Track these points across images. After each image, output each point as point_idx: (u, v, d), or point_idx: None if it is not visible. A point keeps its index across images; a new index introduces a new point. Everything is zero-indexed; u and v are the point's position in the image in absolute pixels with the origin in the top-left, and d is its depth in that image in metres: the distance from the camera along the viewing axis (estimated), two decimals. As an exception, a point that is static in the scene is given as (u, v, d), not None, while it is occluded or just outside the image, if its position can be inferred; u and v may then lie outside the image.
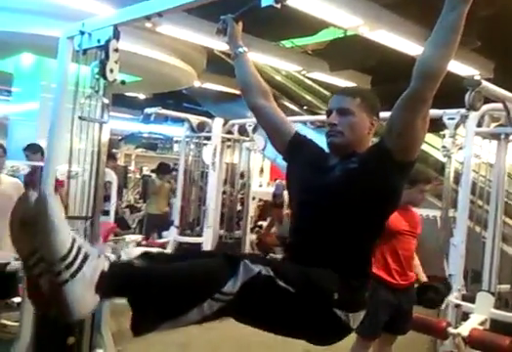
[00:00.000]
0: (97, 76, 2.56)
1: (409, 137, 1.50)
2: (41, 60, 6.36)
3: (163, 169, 7.10)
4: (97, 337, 2.77)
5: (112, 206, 5.08)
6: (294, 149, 1.78)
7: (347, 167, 1.58)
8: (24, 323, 2.50)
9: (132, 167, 12.31)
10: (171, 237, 5.85)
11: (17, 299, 3.20)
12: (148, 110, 5.83)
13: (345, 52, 7.90)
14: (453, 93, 3.30)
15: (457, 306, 3.28)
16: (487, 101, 3.43)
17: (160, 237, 6.15)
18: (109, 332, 2.85)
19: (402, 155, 1.52)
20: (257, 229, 8.22)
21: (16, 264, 2.54)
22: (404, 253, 2.97)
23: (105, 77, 2.54)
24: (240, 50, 1.89)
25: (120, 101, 9.99)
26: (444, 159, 4.30)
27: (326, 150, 1.70)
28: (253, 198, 6.83)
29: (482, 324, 3.11)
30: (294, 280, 1.35)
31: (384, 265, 2.91)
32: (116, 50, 2.53)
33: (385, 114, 1.62)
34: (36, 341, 2.52)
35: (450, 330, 2.93)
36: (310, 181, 1.65)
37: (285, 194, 9.07)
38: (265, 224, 8.57)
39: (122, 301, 1.41)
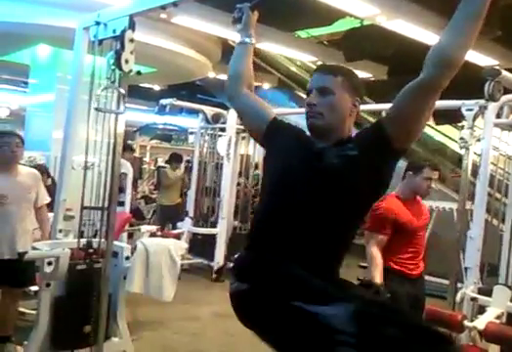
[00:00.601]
0: (112, 67, 2.56)
1: (414, 125, 1.45)
2: (57, 51, 6.39)
3: (175, 158, 7.12)
4: (113, 326, 2.80)
5: (128, 197, 5.12)
6: (272, 133, 1.67)
7: (346, 154, 1.49)
8: (42, 311, 2.54)
9: (147, 159, 12.37)
10: (185, 227, 5.88)
11: (34, 288, 3.25)
12: (163, 102, 5.85)
13: (361, 42, 7.80)
14: (472, 83, 3.25)
15: (473, 299, 3.24)
16: (506, 91, 3.37)
17: (175, 227, 6.19)
18: (125, 322, 2.88)
19: (400, 143, 1.46)
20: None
21: (33, 253, 2.57)
22: (416, 245, 2.97)
23: (120, 68, 2.54)
24: (248, 40, 1.84)
25: (135, 92, 10.00)
26: (461, 151, 4.24)
27: (307, 132, 1.61)
28: (261, 187, 6.81)
29: (498, 317, 3.07)
30: None
31: (401, 258, 2.90)
32: (132, 40, 2.53)
33: None
34: (53, 329, 2.55)
35: (466, 323, 2.90)
36: (295, 166, 1.54)
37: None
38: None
39: (137, 292, 1.46)
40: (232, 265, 1.60)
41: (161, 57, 6.39)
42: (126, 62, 2.54)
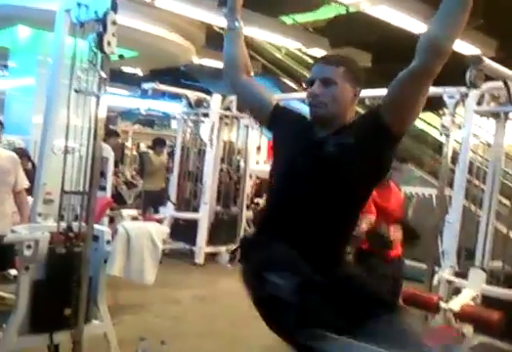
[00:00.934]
0: (94, 49, 2.53)
1: (409, 111, 1.48)
2: (38, 33, 6.27)
3: (159, 143, 7.09)
4: (93, 309, 2.80)
5: (109, 182, 5.09)
6: (276, 120, 1.72)
7: (342, 142, 1.53)
8: (21, 294, 2.53)
9: (129, 144, 12.27)
10: (168, 212, 5.89)
11: (13, 272, 3.23)
12: (145, 86, 5.80)
13: (346, 29, 7.81)
14: (454, 72, 3.28)
15: (449, 282, 3.32)
16: (487, 80, 3.41)
17: (157, 212, 6.18)
18: (106, 305, 2.89)
19: (398, 129, 1.50)
20: (253, 206, 8.25)
21: (12, 236, 2.55)
22: (394, 228, 3.03)
23: (102, 50, 2.51)
24: (236, 24, 1.84)
25: (118, 77, 9.89)
26: (442, 139, 4.30)
27: (309, 118, 1.65)
28: (250, 176, 6.83)
29: (473, 299, 3.15)
30: None
31: None
32: (114, 23, 2.49)
33: (383, 92, 1.56)
34: (33, 312, 2.54)
35: (442, 304, 2.98)
36: (297, 154, 1.59)
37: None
38: (261, 201, 8.60)
39: (118, 275, 1.49)
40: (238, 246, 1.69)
41: (144, 41, 6.32)
42: (108, 44, 2.51)
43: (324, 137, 1.58)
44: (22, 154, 4.30)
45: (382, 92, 1.61)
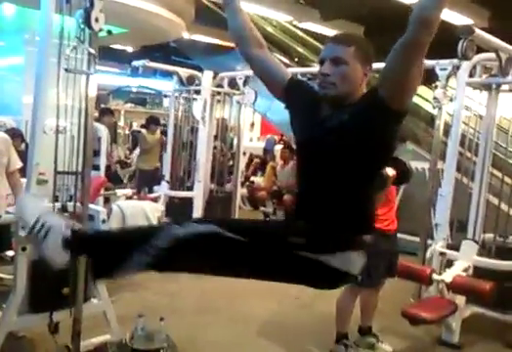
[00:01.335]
0: (82, 26, 2.49)
1: (404, 84, 1.48)
2: (24, 11, 6.13)
3: (153, 121, 7.05)
4: (91, 288, 2.84)
5: (102, 161, 5.07)
6: (291, 95, 1.73)
7: (340, 118, 1.55)
8: (19, 275, 2.55)
9: (121, 123, 12.18)
10: (162, 191, 5.89)
11: (10, 253, 3.25)
12: (135, 63, 5.72)
13: (337, 1, 7.69)
14: (447, 43, 3.25)
15: (442, 254, 3.37)
16: (480, 51, 3.39)
17: (151, 191, 6.19)
18: (104, 283, 2.92)
19: (395, 104, 1.49)
20: (248, 183, 8.28)
21: (7, 217, 2.56)
22: (389, 202, 3.06)
23: (90, 27, 2.47)
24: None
25: (107, 54, 9.73)
26: (434, 111, 4.29)
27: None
28: (244, 153, 6.83)
29: (465, 270, 3.21)
30: (242, 231, 1.50)
31: (376, 215, 2.99)
32: (101, -2, 2.45)
33: (378, 65, 1.55)
34: (31, 292, 2.57)
35: (435, 276, 3.03)
36: (308, 132, 1.64)
37: (276, 149, 9.11)
38: (256, 179, 8.63)
39: None
40: None
41: (132, 16, 6.19)
42: (96, 20, 2.47)
43: (329, 113, 1.60)
44: (15, 134, 4.27)
45: (375, 65, 1.61)
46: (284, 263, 1.51)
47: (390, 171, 2.43)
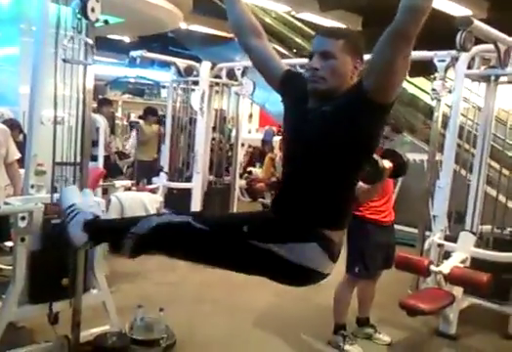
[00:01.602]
0: (78, 16, 2.47)
1: (388, 76, 1.43)
2: (19, 0, 6.08)
3: (150, 112, 7.02)
4: (91, 279, 2.84)
5: (101, 152, 5.07)
6: (285, 87, 1.73)
7: (322, 110, 1.54)
8: (18, 265, 2.55)
9: (119, 114, 12.12)
10: (161, 182, 5.88)
11: (9, 243, 3.25)
12: (133, 53, 5.69)
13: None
14: (445, 34, 3.24)
15: (440, 245, 3.39)
16: (478, 43, 3.38)
17: (150, 183, 6.18)
18: (103, 274, 2.93)
19: (378, 97, 1.45)
20: (246, 175, 8.28)
21: (5, 208, 2.55)
22: (386, 192, 3.06)
23: (86, 17, 2.45)
24: None
25: (105, 44, 9.66)
26: (433, 103, 4.29)
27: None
28: (242, 145, 6.81)
29: (463, 262, 3.23)
30: (209, 222, 1.63)
31: (374, 207, 3.00)
32: (97, -13, 2.43)
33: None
34: (31, 283, 2.58)
35: (432, 267, 3.05)
36: (293, 125, 1.65)
37: (274, 140, 9.10)
38: (254, 170, 8.63)
39: None
40: None
41: (129, 5, 6.15)
42: (92, 10, 2.45)
43: (314, 106, 1.59)
44: (13, 125, 4.25)
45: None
46: (239, 252, 1.57)
47: (387, 163, 2.42)
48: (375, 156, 2.33)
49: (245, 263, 1.60)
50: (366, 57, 1.55)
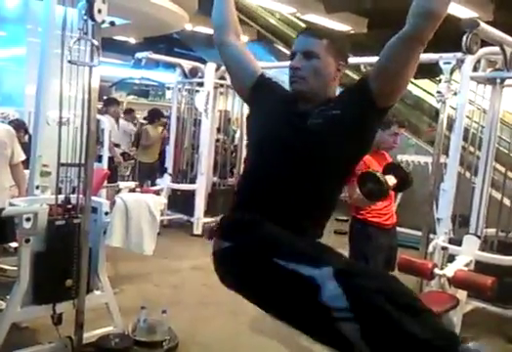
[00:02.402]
0: (85, 17, 2.48)
1: (397, 80, 1.42)
2: (26, 1, 6.11)
3: (156, 115, 7.03)
4: (94, 280, 2.85)
5: (105, 153, 5.08)
6: (258, 91, 1.64)
7: (327, 113, 1.48)
8: (22, 266, 2.56)
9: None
10: (164, 184, 5.89)
11: (14, 244, 3.26)
12: (138, 55, 5.71)
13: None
14: (451, 37, 3.23)
15: (444, 248, 3.37)
16: (484, 45, 3.37)
17: (154, 184, 6.19)
18: (106, 275, 2.93)
19: (383, 100, 1.45)
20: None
21: (11, 209, 2.56)
22: (389, 195, 3.03)
23: (93, 18, 2.46)
24: None
25: (110, 46, 9.68)
26: (438, 105, 4.27)
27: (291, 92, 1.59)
28: (246, 146, 6.80)
29: (467, 265, 3.21)
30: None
31: (375, 210, 2.98)
32: (104, -11, 2.44)
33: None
34: (35, 284, 2.58)
35: (436, 270, 3.03)
36: (278, 126, 1.53)
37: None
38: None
39: (118, 247, 1.54)
40: (217, 225, 1.58)
41: (135, 7, 6.17)
42: (99, 11, 2.45)
43: (308, 109, 1.53)
44: (19, 125, 4.26)
45: (374, 59, 1.58)
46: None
47: (390, 180, 2.40)
48: (379, 174, 2.31)
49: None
50: (374, 57, 1.53)
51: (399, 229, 3.27)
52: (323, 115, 1.49)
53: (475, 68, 3.75)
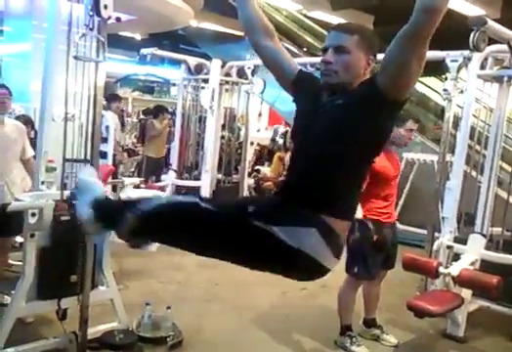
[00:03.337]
0: (91, 13, 2.48)
1: (403, 75, 1.45)
2: (32, -3, 6.11)
3: (160, 109, 7.04)
4: (99, 276, 2.86)
5: (110, 149, 5.08)
6: (298, 88, 1.74)
7: (333, 104, 1.57)
8: (27, 261, 2.57)
9: (129, 110, 12.17)
10: (169, 180, 5.90)
11: (19, 239, 3.27)
12: (144, 51, 5.71)
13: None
14: (458, 34, 3.22)
15: (449, 247, 3.36)
16: (491, 43, 3.35)
17: (159, 180, 6.20)
18: (111, 271, 2.94)
19: (392, 95, 1.47)
20: (254, 173, 8.26)
21: (16, 205, 2.57)
22: (390, 194, 3.04)
23: (99, 14, 2.45)
24: None
25: (116, 42, 9.68)
26: (444, 103, 4.26)
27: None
28: (251, 143, 6.81)
29: (472, 264, 3.20)
30: (216, 203, 1.61)
31: (376, 209, 2.98)
32: (109, -15, 2.43)
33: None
34: (40, 279, 2.59)
35: (441, 269, 3.02)
36: (305, 120, 1.65)
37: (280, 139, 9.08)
38: (262, 169, 8.61)
39: (122, 243, 1.57)
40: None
41: (140, 3, 6.16)
42: (105, 7, 2.45)
43: (326, 100, 1.61)
44: (27, 121, 4.28)
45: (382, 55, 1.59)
46: (242, 235, 1.51)
47: None
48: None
49: (247, 248, 1.54)
50: (380, 56, 1.55)
51: (404, 227, 3.27)
52: (330, 105, 1.58)
53: (482, 66, 3.73)
